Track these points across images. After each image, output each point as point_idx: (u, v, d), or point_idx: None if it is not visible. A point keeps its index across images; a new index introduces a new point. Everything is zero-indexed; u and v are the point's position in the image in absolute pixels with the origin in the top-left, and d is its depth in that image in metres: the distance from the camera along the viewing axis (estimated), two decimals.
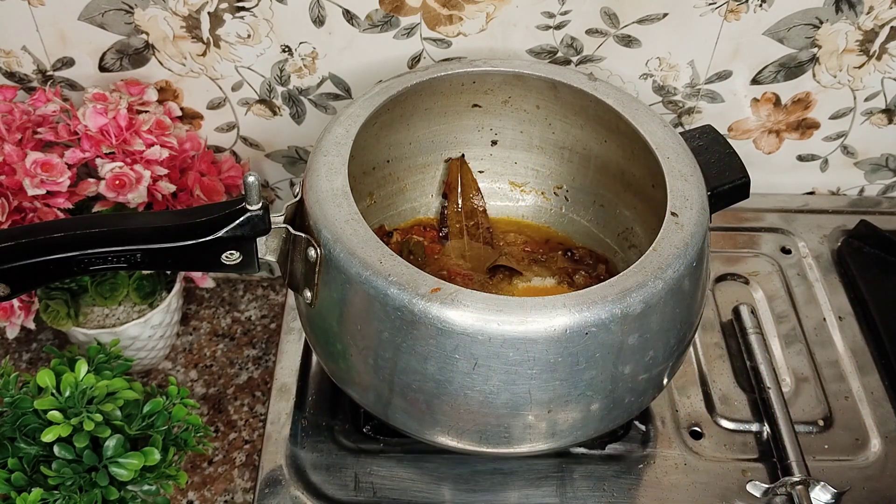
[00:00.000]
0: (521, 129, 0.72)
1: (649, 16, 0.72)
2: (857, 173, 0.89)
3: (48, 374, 0.54)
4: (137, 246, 0.53)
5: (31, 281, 0.53)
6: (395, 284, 0.50)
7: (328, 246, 0.53)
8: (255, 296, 0.83)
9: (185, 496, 0.67)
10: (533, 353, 0.50)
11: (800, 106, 0.82)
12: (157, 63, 0.74)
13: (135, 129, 0.70)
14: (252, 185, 0.52)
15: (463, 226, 0.73)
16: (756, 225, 0.86)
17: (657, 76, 0.78)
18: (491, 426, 0.55)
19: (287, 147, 0.82)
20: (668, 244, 0.54)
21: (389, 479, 0.65)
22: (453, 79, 0.66)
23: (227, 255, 0.55)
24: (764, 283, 0.81)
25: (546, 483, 0.65)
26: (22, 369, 0.76)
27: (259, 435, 0.71)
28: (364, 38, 0.73)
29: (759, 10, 0.73)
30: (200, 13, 0.70)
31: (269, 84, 0.76)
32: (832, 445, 0.68)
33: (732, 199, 0.64)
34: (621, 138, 0.64)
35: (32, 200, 0.67)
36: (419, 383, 0.53)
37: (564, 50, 0.75)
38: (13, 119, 0.69)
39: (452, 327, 0.49)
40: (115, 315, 0.71)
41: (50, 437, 0.51)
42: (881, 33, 0.75)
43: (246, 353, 0.78)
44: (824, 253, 0.84)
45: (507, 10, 0.71)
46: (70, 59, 0.74)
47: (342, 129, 0.60)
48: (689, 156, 0.60)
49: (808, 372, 0.73)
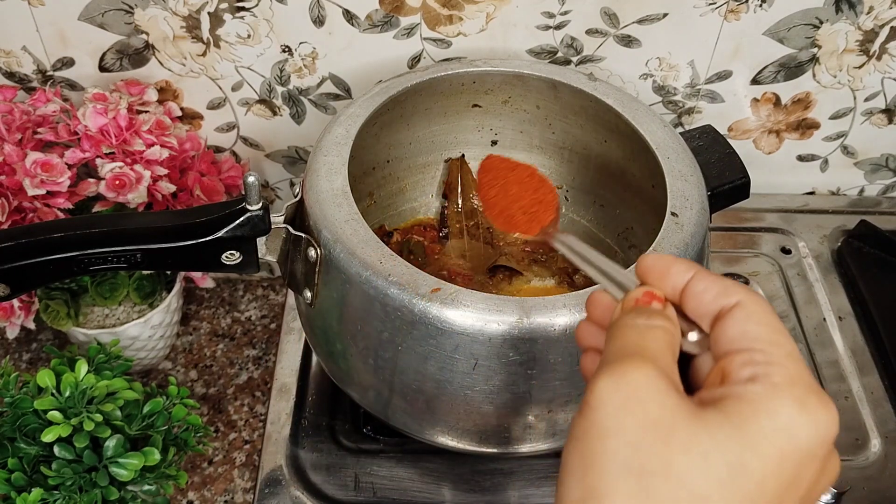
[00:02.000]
0: (521, 129, 0.72)
1: (649, 16, 0.72)
2: (857, 173, 0.89)
3: (48, 374, 0.54)
4: (137, 246, 0.53)
5: (31, 281, 0.53)
6: (395, 284, 0.50)
7: (328, 246, 0.53)
8: (255, 296, 0.83)
9: (185, 496, 0.67)
10: (533, 353, 0.50)
11: (800, 106, 0.82)
12: (157, 63, 0.74)
13: (135, 129, 0.70)
14: (252, 185, 0.52)
15: (463, 226, 0.73)
16: (756, 225, 0.86)
17: (657, 76, 0.78)
18: (491, 426, 0.55)
19: (287, 147, 0.82)
20: (668, 244, 0.54)
21: (389, 479, 0.65)
22: (453, 79, 0.66)
23: (227, 255, 0.55)
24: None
25: (546, 483, 0.65)
26: (22, 369, 0.76)
27: (259, 435, 0.71)
28: (364, 38, 0.73)
29: (759, 10, 0.73)
30: (200, 13, 0.70)
31: (269, 84, 0.76)
32: None
33: (732, 199, 0.64)
34: (621, 138, 0.64)
35: (32, 200, 0.67)
36: (419, 383, 0.53)
37: (564, 50, 0.75)
38: (13, 119, 0.69)
39: (452, 327, 0.49)
40: (115, 315, 0.71)
41: (50, 437, 0.51)
42: (881, 33, 0.75)
43: (246, 353, 0.78)
44: (824, 253, 0.84)
45: (507, 10, 0.71)
46: (70, 59, 0.74)
47: (342, 129, 0.60)
48: (689, 156, 0.60)
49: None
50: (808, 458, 0.30)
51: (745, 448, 0.29)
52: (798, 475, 0.30)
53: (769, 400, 0.30)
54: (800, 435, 0.30)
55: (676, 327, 0.34)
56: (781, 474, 0.30)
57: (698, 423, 0.30)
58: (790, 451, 0.30)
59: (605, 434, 0.30)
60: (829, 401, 0.31)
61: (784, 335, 0.32)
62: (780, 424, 0.30)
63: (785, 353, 0.31)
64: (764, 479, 0.29)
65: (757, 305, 0.33)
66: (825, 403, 0.31)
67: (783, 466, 0.29)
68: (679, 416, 0.30)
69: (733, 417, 0.30)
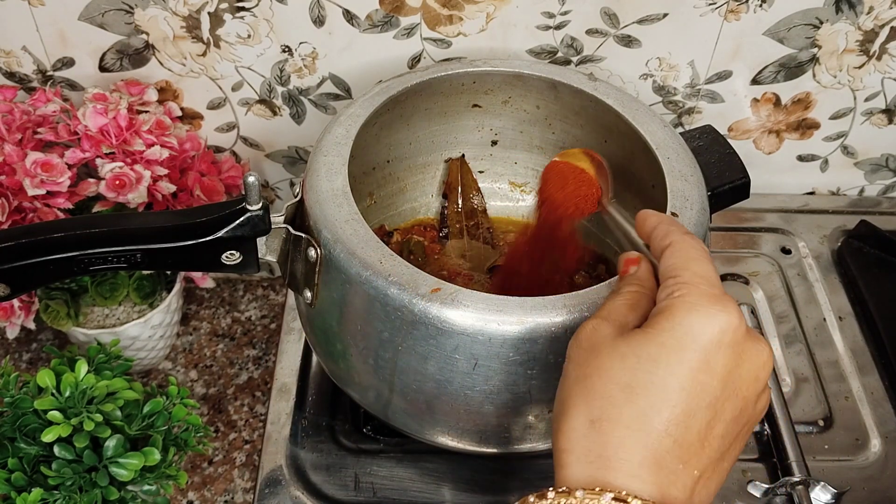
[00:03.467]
0: (521, 129, 0.72)
1: (649, 16, 0.73)
2: (857, 173, 0.89)
3: (48, 374, 0.54)
4: (137, 246, 0.53)
5: (31, 281, 0.53)
6: (396, 284, 0.50)
7: (328, 246, 0.53)
8: (255, 296, 0.83)
9: (185, 496, 0.67)
10: (533, 353, 0.50)
11: (800, 106, 0.82)
12: (157, 63, 0.74)
13: (135, 129, 0.70)
14: (252, 185, 0.51)
15: (463, 226, 0.73)
16: (756, 225, 0.86)
17: (657, 76, 0.78)
18: (491, 426, 0.55)
19: (287, 147, 0.82)
20: None
21: (389, 479, 0.65)
22: (453, 79, 0.66)
23: (227, 255, 0.55)
24: (764, 284, 0.81)
25: (546, 483, 0.65)
26: (22, 369, 0.76)
27: (259, 435, 0.71)
28: (364, 39, 0.73)
29: (759, 10, 0.73)
30: (200, 13, 0.70)
31: (269, 84, 0.76)
32: (832, 445, 0.68)
33: (732, 199, 0.64)
34: (621, 138, 0.64)
35: (32, 200, 0.67)
36: (419, 383, 0.53)
37: (564, 50, 0.75)
38: (13, 119, 0.69)
39: (452, 327, 0.49)
40: (115, 315, 0.71)
41: (50, 437, 0.51)
42: (881, 33, 0.75)
43: (246, 353, 0.78)
44: (824, 253, 0.84)
45: (507, 10, 0.71)
46: (70, 59, 0.74)
47: (342, 129, 0.60)
48: (689, 156, 0.60)
49: (808, 372, 0.73)
50: (712, 346, 0.39)
51: (650, 344, 0.39)
52: (706, 361, 0.39)
53: (671, 308, 0.40)
54: (695, 328, 0.39)
55: (643, 283, 0.45)
56: (685, 359, 0.38)
57: (620, 339, 0.41)
58: (688, 340, 0.39)
59: (566, 364, 0.43)
60: (726, 301, 0.40)
61: (698, 261, 0.42)
62: (678, 322, 0.39)
63: (693, 274, 0.41)
64: (669, 364, 0.38)
65: (682, 243, 0.43)
66: (720, 302, 0.39)
67: (684, 353, 0.38)
68: (607, 339, 0.41)
69: (647, 327, 0.40)
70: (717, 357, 0.39)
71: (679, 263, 0.42)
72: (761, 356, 0.41)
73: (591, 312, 0.50)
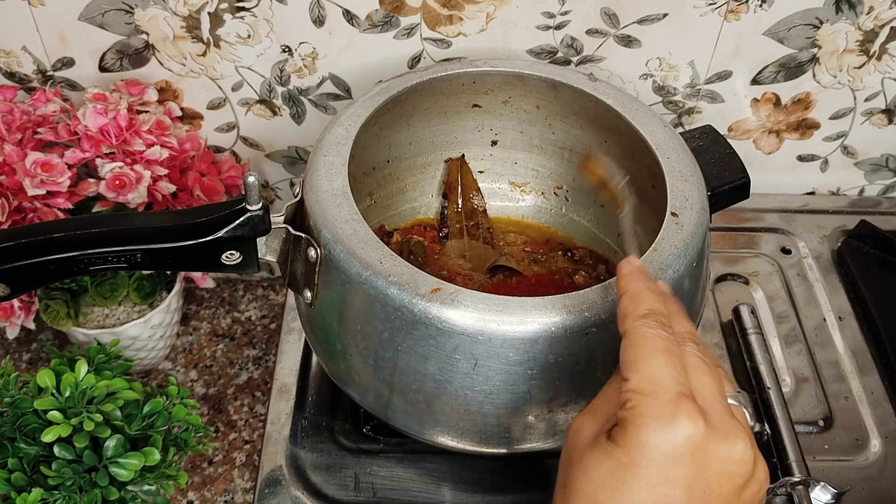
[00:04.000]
0: (521, 130, 0.72)
1: (649, 16, 0.73)
2: (857, 173, 0.89)
3: (48, 374, 0.54)
4: (137, 246, 0.53)
5: (31, 281, 0.53)
6: (395, 284, 0.50)
7: (328, 246, 0.53)
8: (255, 296, 0.83)
9: (185, 496, 0.67)
10: (533, 353, 0.50)
11: (800, 106, 0.82)
12: (157, 63, 0.74)
13: (135, 129, 0.70)
14: (252, 185, 0.51)
15: (463, 226, 0.73)
16: (756, 225, 0.86)
17: (657, 76, 0.78)
18: (491, 426, 0.55)
19: (287, 147, 0.82)
20: (668, 244, 0.54)
21: (389, 479, 0.65)
22: (453, 79, 0.66)
23: (227, 255, 0.55)
24: (764, 284, 0.81)
25: (546, 483, 0.65)
26: (22, 369, 0.76)
27: (259, 435, 0.71)
28: (364, 39, 0.73)
29: (759, 10, 0.73)
30: (200, 13, 0.70)
31: (269, 84, 0.76)
32: (832, 445, 0.68)
33: (732, 199, 0.64)
34: (621, 138, 0.64)
35: (32, 200, 0.67)
36: (419, 383, 0.53)
37: (564, 50, 0.75)
38: (13, 119, 0.69)
39: (452, 327, 0.49)
40: (115, 315, 0.71)
41: (50, 437, 0.51)
42: (881, 33, 0.75)
43: (246, 353, 0.78)
44: (824, 253, 0.84)
45: (507, 10, 0.71)
46: (70, 59, 0.74)
47: (342, 129, 0.60)
48: (689, 156, 0.60)
49: (808, 372, 0.73)
50: (667, 459, 0.38)
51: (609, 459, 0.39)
52: (664, 474, 0.38)
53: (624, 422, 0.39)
54: (650, 442, 0.38)
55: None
56: (641, 475, 0.38)
57: (591, 448, 0.40)
58: (641, 458, 0.38)
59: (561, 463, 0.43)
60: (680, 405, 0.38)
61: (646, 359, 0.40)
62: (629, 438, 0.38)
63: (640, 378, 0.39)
64: (627, 481, 0.38)
65: (634, 333, 0.41)
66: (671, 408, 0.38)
67: (639, 470, 0.38)
68: (585, 443, 0.41)
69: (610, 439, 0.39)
70: (675, 468, 0.38)
71: (629, 364, 0.40)
72: (733, 452, 0.39)
73: (591, 312, 0.50)
